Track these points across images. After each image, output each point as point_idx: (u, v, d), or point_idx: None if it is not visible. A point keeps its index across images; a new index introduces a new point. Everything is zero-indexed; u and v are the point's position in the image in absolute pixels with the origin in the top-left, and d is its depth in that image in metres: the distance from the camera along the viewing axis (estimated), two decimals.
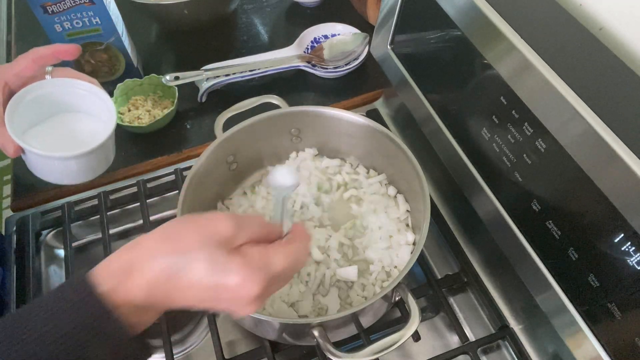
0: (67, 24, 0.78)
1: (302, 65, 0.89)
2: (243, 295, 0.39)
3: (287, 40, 0.94)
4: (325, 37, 0.95)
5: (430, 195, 0.59)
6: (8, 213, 0.79)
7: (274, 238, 0.45)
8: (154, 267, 0.39)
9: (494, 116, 0.53)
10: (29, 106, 0.55)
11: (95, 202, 0.74)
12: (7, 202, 0.79)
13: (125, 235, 0.76)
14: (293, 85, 0.91)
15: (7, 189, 0.82)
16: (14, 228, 0.74)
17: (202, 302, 0.40)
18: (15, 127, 0.53)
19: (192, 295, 0.39)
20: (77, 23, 0.78)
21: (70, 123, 0.59)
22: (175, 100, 0.83)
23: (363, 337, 0.58)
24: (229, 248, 0.40)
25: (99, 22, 0.79)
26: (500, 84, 0.51)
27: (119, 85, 0.84)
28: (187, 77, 0.84)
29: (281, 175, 0.46)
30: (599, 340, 0.46)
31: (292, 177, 0.46)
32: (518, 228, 0.53)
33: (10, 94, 0.55)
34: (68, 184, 0.72)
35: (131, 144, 0.83)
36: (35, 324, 0.37)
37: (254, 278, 0.39)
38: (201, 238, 0.39)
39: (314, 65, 0.90)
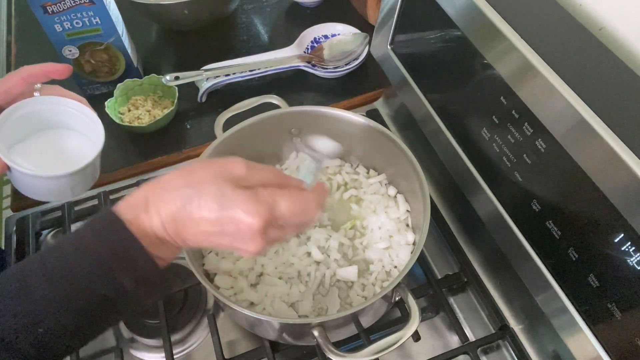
0: (67, 24, 0.78)
1: (302, 65, 0.89)
2: (245, 227, 0.40)
3: (287, 40, 0.94)
4: (325, 37, 0.95)
5: (430, 195, 0.59)
6: (8, 213, 0.79)
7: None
8: (167, 199, 0.41)
9: (494, 116, 0.53)
10: (16, 123, 0.55)
11: (95, 202, 0.74)
12: (7, 202, 0.79)
13: None
14: (293, 85, 0.90)
15: (7, 189, 0.82)
16: (14, 228, 0.74)
17: (210, 237, 0.42)
18: (1, 144, 0.53)
19: (201, 230, 0.41)
20: (77, 23, 0.78)
21: (57, 140, 0.58)
22: (175, 100, 0.83)
23: (363, 337, 0.58)
24: (238, 185, 0.41)
25: (99, 22, 0.79)
26: (500, 84, 0.51)
27: (119, 85, 0.84)
28: (187, 77, 0.85)
29: (324, 144, 0.50)
30: (599, 340, 0.46)
31: (335, 146, 0.49)
32: (518, 228, 0.53)
33: None
34: (52, 200, 0.72)
35: (131, 144, 0.83)
36: (68, 254, 0.39)
37: (256, 210, 0.40)
38: (213, 174, 0.42)
39: (314, 65, 0.90)
